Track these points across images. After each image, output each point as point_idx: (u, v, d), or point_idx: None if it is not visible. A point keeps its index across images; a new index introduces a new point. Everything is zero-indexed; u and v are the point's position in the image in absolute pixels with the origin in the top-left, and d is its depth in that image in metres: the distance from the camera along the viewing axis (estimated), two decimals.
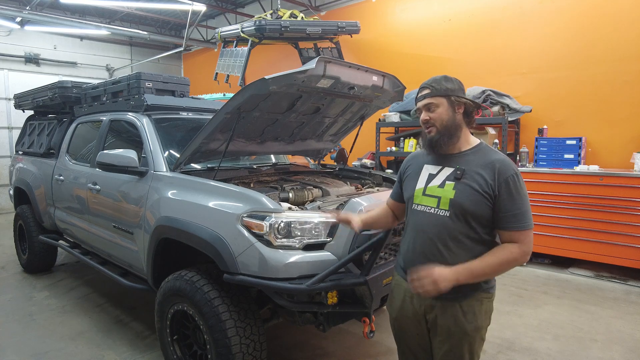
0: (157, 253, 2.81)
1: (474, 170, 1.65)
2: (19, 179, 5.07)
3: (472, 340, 1.70)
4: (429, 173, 1.77)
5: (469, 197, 1.62)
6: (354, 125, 3.76)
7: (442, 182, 1.71)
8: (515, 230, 1.61)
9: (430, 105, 1.71)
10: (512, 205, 1.60)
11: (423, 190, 1.75)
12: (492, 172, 1.62)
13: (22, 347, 3.29)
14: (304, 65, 2.47)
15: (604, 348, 3.24)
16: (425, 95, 1.72)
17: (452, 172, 1.70)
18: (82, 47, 10.84)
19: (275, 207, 2.28)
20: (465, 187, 1.64)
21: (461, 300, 1.68)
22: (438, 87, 1.70)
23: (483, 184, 1.61)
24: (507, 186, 1.60)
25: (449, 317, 1.69)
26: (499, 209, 1.61)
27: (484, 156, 1.69)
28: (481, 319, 1.71)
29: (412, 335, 1.84)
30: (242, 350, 2.28)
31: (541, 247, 5.10)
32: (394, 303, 1.90)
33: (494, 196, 1.61)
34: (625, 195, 4.55)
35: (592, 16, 5.32)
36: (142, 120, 3.36)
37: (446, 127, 1.69)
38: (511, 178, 1.60)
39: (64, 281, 4.76)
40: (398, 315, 1.87)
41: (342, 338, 3.37)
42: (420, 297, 1.74)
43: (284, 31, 6.70)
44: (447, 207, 1.66)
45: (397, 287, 1.90)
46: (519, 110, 5.64)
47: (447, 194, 1.67)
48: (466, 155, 1.71)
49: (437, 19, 6.78)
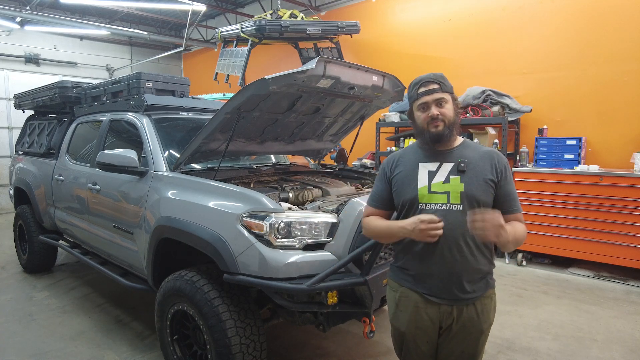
0: (157, 253, 2.81)
1: (475, 162, 1.71)
2: (19, 179, 5.07)
3: (485, 338, 1.78)
4: (428, 170, 1.73)
5: (479, 187, 1.67)
6: (354, 125, 3.76)
7: (446, 177, 1.70)
8: (518, 212, 1.74)
9: (441, 101, 1.71)
10: (512, 190, 1.74)
11: (428, 188, 1.70)
12: (490, 161, 1.72)
13: (22, 347, 3.29)
14: (304, 65, 2.47)
15: (604, 348, 3.24)
16: (435, 90, 1.70)
17: (453, 166, 1.71)
18: (82, 47, 10.84)
19: (275, 207, 2.28)
20: (472, 178, 1.68)
21: (476, 300, 1.72)
22: (446, 83, 1.73)
23: (488, 173, 1.70)
24: (505, 173, 1.73)
25: (465, 320, 1.72)
26: (503, 194, 1.71)
27: (476, 149, 1.78)
28: (492, 315, 1.79)
29: (421, 345, 1.78)
30: (242, 350, 2.28)
31: (541, 247, 5.10)
32: (401, 316, 1.79)
33: (497, 183, 1.70)
34: (625, 195, 4.55)
35: (592, 16, 5.31)
36: (142, 120, 3.36)
37: (452, 123, 1.72)
38: (507, 165, 1.76)
39: (64, 281, 4.76)
40: (408, 328, 1.77)
41: (342, 338, 3.37)
42: (434, 308, 1.71)
43: (284, 31, 6.70)
44: (459, 201, 1.66)
45: (405, 300, 1.78)
46: (519, 110, 5.64)
47: (456, 187, 1.67)
48: (459, 150, 1.76)
49: (437, 18, 6.78)
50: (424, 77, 1.74)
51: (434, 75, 1.73)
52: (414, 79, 1.78)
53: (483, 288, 1.72)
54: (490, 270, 1.76)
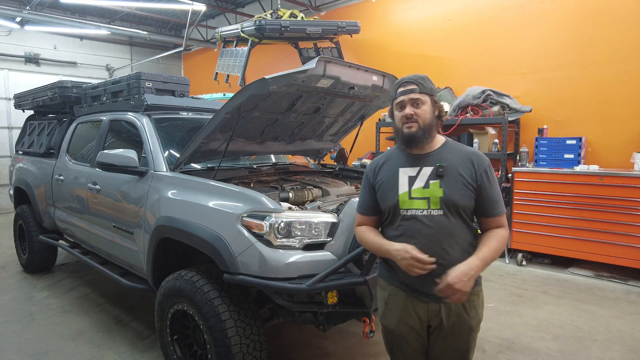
0: (157, 253, 2.80)
1: (454, 166, 1.70)
2: (19, 178, 5.07)
3: (475, 334, 1.79)
4: (408, 176, 1.74)
5: (457, 191, 1.67)
6: (354, 125, 3.76)
7: (425, 182, 1.70)
8: (500, 215, 1.72)
9: (417, 101, 1.70)
10: (493, 193, 1.71)
11: (408, 194, 1.71)
12: (470, 164, 1.70)
13: (22, 347, 3.29)
14: (304, 65, 2.47)
15: (603, 348, 3.24)
16: (412, 90, 1.70)
17: (432, 170, 1.71)
18: (82, 47, 10.84)
19: (275, 207, 2.28)
20: (451, 182, 1.68)
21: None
22: (425, 84, 1.72)
23: (467, 177, 1.68)
24: (486, 176, 1.70)
25: (454, 318, 1.73)
26: (483, 197, 1.70)
27: (457, 151, 1.75)
28: (481, 311, 1.79)
29: (412, 342, 1.81)
30: (242, 350, 2.28)
31: (541, 247, 5.10)
32: (390, 315, 1.83)
33: (477, 187, 1.69)
34: (625, 195, 4.55)
35: (592, 16, 5.31)
36: (142, 120, 3.36)
37: (427, 125, 1.70)
38: (488, 168, 1.72)
39: (64, 281, 4.76)
40: (397, 327, 1.81)
41: (342, 338, 3.37)
42: (423, 306, 1.74)
43: (284, 31, 6.69)
44: (439, 206, 1.67)
45: (393, 298, 1.82)
46: (519, 110, 5.63)
47: (435, 192, 1.68)
48: (439, 153, 1.74)
49: (437, 18, 6.78)
50: (404, 78, 1.75)
51: (415, 76, 1.74)
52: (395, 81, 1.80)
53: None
54: None
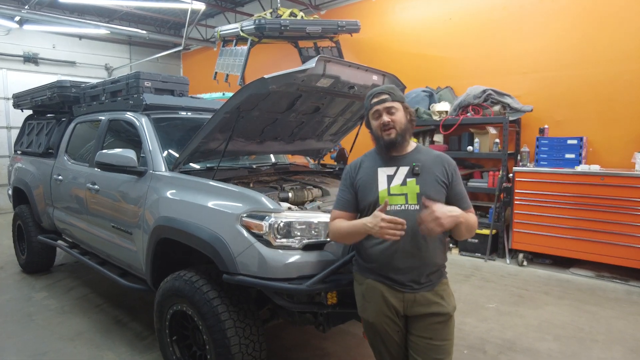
0: (156, 253, 2.79)
1: (428, 165, 1.90)
2: (18, 178, 5.05)
3: (452, 321, 1.92)
4: (386, 175, 1.91)
5: (432, 187, 1.86)
6: (353, 124, 3.75)
7: (402, 180, 1.88)
8: (468, 208, 1.90)
9: (391, 109, 1.89)
10: (461, 189, 1.94)
11: (387, 191, 1.87)
12: (441, 165, 1.92)
13: (21, 348, 3.27)
14: (303, 64, 2.46)
15: (605, 348, 3.23)
16: (385, 100, 1.89)
17: (409, 169, 1.89)
18: (81, 47, 10.81)
19: (275, 207, 2.27)
20: (426, 179, 1.88)
21: (435, 286, 1.90)
22: (396, 93, 1.93)
23: (440, 175, 1.89)
24: (455, 174, 1.94)
25: (431, 305, 1.87)
26: (454, 193, 1.92)
27: (427, 154, 1.97)
28: (453, 299, 1.96)
29: (391, 333, 1.92)
30: (241, 351, 2.27)
31: (542, 247, 5.09)
32: (369, 307, 1.94)
33: (448, 184, 1.91)
34: (626, 195, 4.53)
35: (594, 16, 5.30)
36: (141, 120, 3.35)
37: (403, 129, 1.90)
38: (455, 168, 1.95)
39: (62, 281, 4.75)
40: (376, 319, 1.92)
41: (342, 339, 3.36)
42: (398, 296, 1.87)
43: (284, 30, 6.68)
44: (416, 201, 1.84)
45: (371, 291, 1.93)
46: (520, 109, 5.62)
47: (412, 189, 1.86)
48: (413, 155, 1.94)
49: (438, 18, 6.76)
50: (376, 89, 1.95)
51: (386, 87, 1.95)
52: (367, 92, 1.98)
53: (438, 278, 1.93)
54: (444, 264, 1.97)
